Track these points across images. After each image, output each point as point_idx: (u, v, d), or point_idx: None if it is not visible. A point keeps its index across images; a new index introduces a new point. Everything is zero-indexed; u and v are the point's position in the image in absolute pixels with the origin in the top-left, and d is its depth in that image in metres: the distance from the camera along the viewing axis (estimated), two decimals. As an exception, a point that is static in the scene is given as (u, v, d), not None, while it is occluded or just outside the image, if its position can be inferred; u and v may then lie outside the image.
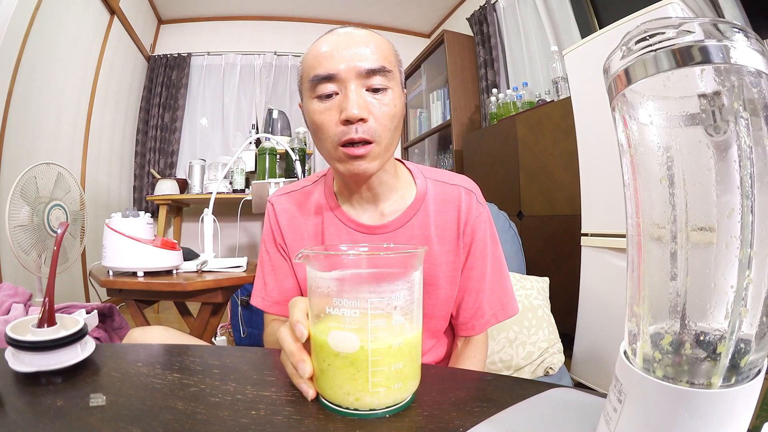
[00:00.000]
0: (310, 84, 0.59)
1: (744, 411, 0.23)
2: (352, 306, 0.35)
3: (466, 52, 3.25)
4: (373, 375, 0.36)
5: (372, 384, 0.36)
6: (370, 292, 0.35)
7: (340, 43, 0.59)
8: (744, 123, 0.21)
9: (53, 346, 0.45)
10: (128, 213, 1.30)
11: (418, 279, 0.38)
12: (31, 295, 1.35)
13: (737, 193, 0.21)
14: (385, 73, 0.59)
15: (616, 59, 0.24)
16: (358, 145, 0.58)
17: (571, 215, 1.85)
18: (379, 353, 0.35)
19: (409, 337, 0.37)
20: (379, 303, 0.35)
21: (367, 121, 0.57)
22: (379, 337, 0.35)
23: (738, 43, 0.20)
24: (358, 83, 0.58)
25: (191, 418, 0.36)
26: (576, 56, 1.71)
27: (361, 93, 0.58)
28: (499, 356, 1.17)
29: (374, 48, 0.59)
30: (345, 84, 0.57)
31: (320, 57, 0.59)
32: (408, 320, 0.37)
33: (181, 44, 3.80)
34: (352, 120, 0.57)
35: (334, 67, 0.57)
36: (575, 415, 0.34)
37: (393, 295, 0.36)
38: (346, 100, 0.57)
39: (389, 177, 0.68)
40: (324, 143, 0.61)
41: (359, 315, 0.35)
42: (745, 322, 0.21)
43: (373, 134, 0.58)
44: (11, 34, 1.93)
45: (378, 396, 0.36)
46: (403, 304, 0.36)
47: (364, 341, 0.35)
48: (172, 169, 3.61)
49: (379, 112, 0.58)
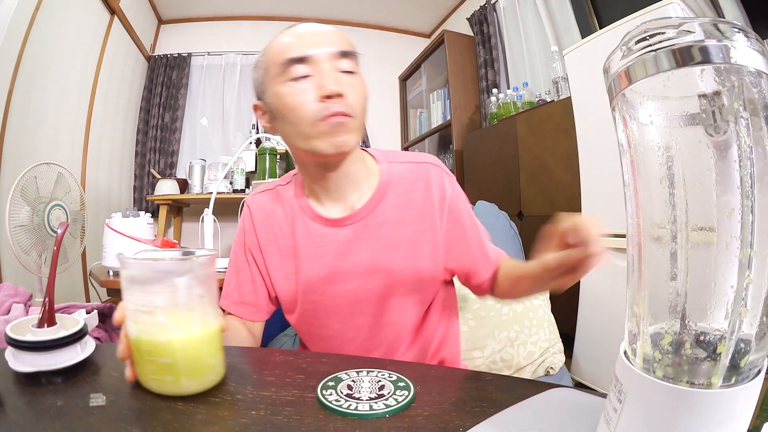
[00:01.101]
0: (280, 68, 0.61)
1: (744, 411, 0.23)
2: (133, 301, 0.41)
3: (466, 52, 3.25)
4: (149, 363, 0.41)
5: (150, 371, 0.41)
6: (138, 292, 0.41)
7: (308, 32, 0.62)
8: (744, 123, 0.21)
9: (53, 346, 0.45)
10: (128, 213, 1.30)
11: (182, 284, 0.41)
12: (31, 295, 1.35)
13: (737, 193, 0.21)
14: (353, 57, 0.63)
15: (616, 59, 0.24)
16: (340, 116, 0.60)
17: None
18: (149, 345, 0.40)
19: (176, 336, 0.40)
20: (143, 302, 0.41)
21: (345, 97, 0.60)
22: (146, 331, 0.40)
23: (738, 43, 0.20)
24: (331, 64, 0.60)
25: (191, 417, 0.36)
26: (576, 56, 1.71)
27: (333, 71, 0.60)
28: (500, 356, 1.17)
29: (340, 36, 0.63)
30: (318, 65, 0.60)
31: (291, 43, 0.61)
32: (172, 321, 0.41)
33: (182, 44, 3.80)
34: (332, 95, 0.59)
35: (308, 50, 0.60)
36: (575, 415, 0.34)
37: (154, 297, 0.40)
38: (324, 77, 0.59)
39: (356, 168, 0.68)
40: (299, 125, 0.61)
41: (132, 310, 0.41)
42: (745, 322, 0.21)
43: (351, 109, 0.60)
44: (11, 34, 1.92)
45: (151, 383, 0.41)
46: (165, 306, 0.40)
47: (139, 332, 0.41)
48: (172, 169, 3.60)
49: (353, 91, 0.61)
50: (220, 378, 0.44)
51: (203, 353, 0.41)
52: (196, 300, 0.42)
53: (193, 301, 0.42)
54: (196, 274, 0.42)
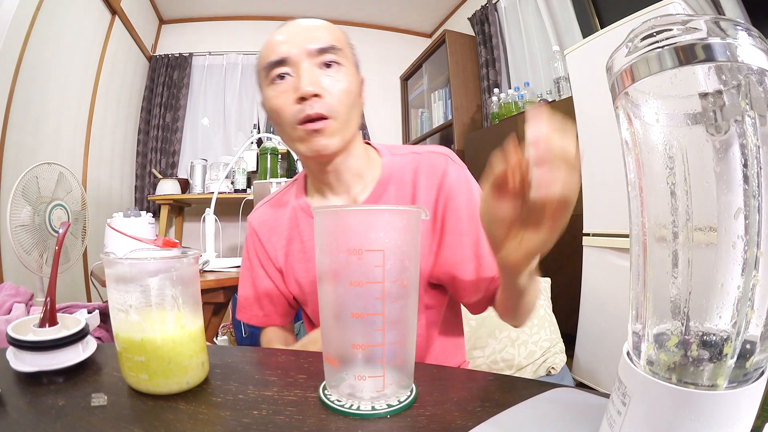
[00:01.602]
0: (264, 72, 0.62)
1: (748, 412, 0.22)
2: (112, 299, 0.42)
3: (467, 52, 3.25)
4: (126, 360, 0.41)
5: (128, 368, 0.41)
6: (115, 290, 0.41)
7: (290, 31, 0.62)
8: (750, 122, 0.20)
9: (55, 346, 0.45)
10: (130, 213, 1.30)
11: (155, 285, 0.41)
12: (32, 294, 1.35)
13: (744, 192, 0.20)
14: (336, 51, 0.61)
15: (620, 56, 0.24)
16: (316, 121, 0.59)
17: (573, 215, 1.82)
18: (125, 342, 0.41)
19: (149, 336, 0.40)
20: (119, 300, 0.41)
21: (322, 97, 0.59)
22: (123, 329, 0.41)
23: (743, 41, 0.20)
24: (309, 62, 0.60)
25: (193, 417, 0.36)
26: (577, 56, 1.71)
27: (313, 71, 0.59)
28: (501, 355, 1.17)
29: (323, 31, 0.62)
30: (297, 65, 0.59)
31: (273, 45, 0.61)
32: (145, 321, 0.41)
33: (183, 44, 3.80)
34: (306, 96, 0.58)
35: (286, 51, 0.60)
36: (577, 415, 0.34)
37: (127, 296, 0.41)
38: (299, 79, 0.59)
39: (358, 162, 0.67)
40: (284, 127, 0.62)
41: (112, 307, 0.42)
42: (751, 323, 0.21)
43: (329, 109, 0.59)
44: (12, 34, 1.93)
45: (131, 380, 0.42)
46: (137, 305, 0.41)
47: (117, 330, 0.42)
48: (173, 168, 3.61)
49: (334, 88, 0.60)
50: (201, 379, 0.43)
51: (178, 354, 0.41)
52: (170, 300, 0.42)
53: (167, 302, 0.42)
54: (170, 275, 0.41)
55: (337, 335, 0.39)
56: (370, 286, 0.37)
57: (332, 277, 0.39)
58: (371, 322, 0.37)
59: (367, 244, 0.37)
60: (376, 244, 0.37)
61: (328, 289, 0.39)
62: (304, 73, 0.58)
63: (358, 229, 0.38)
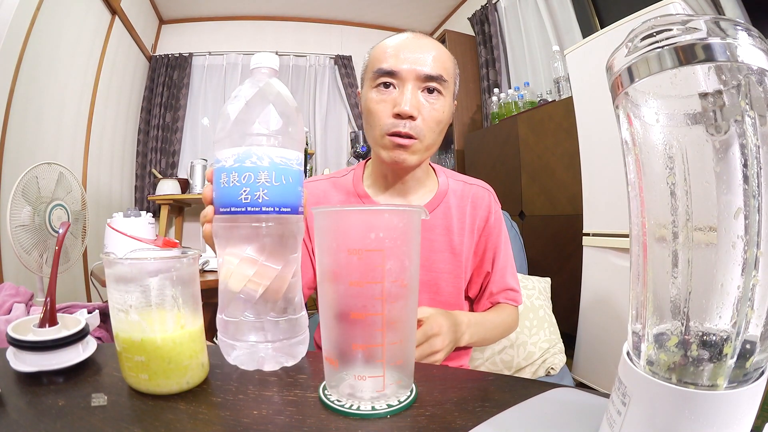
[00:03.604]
0: (373, 75, 0.66)
1: (748, 412, 0.22)
2: (112, 299, 0.42)
3: (467, 52, 3.25)
4: (126, 360, 0.41)
5: (128, 368, 0.41)
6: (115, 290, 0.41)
7: (407, 45, 0.66)
8: (750, 122, 0.20)
9: (55, 346, 0.45)
10: (130, 213, 1.30)
11: (155, 285, 0.41)
12: (32, 294, 1.35)
13: (743, 192, 0.20)
14: (441, 82, 0.66)
15: (620, 56, 0.24)
16: (404, 138, 0.64)
17: (573, 215, 1.84)
18: (125, 342, 0.41)
19: (149, 336, 0.40)
20: (119, 300, 0.41)
21: (416, 120, 0.64)
22: (123, 329, 0.41)
23: (743, 41, 0.20)
24: (415, 84, 0.64)
25: (193, 417, 0.36)
26: (577, 56, 1.71)
27: (415, 93, 0.64)
28: (500, 357, 1.17)
29: (436, 56, 0.66)
30: (403, 82, 0.64)
31: (387, 53, 0.65)
32: (145, 321, 0.41)
33: (183, 44, 3.80)
34: (402, 115, 0.63)
35: (398, 66, 0.64)
36: (577, 415, 0.34)
37: (127, 296, 0.41)
38: (402, 97, 0.63)
39: (421, 173, 0.75)
40: (373, 130, 0.67)
41: (112, 307, 0.42)
42: (751, 322, 0.21)
43: (418, 132, 0.65)
44: (12, 34, 1.93)
45: (131, 380, 0.42)
46: (137, 305, 0.41)
47: (117, 329, 0.42)
48: (173, 169, 3.61)
49: (428, 115, 0.65)
50: (201, 379, 0.43)
51: (178, 354, 0.41)
52: (170, 300, 0.42)
53: (167, 302, 0.42)
54: (170, 275, 0.42)
55: (337, 335, 0.39)
56: (370, 286, 0.37)
57: (332, 277, 0.39)
58: (371, 322, 0.37)
59: (367, 244, 0.37)
60: (376, 244, 0.37)
61: (328, 289, 0.39)
62: (408, 94, 0.63)
63: (358, 229, 0.38)
